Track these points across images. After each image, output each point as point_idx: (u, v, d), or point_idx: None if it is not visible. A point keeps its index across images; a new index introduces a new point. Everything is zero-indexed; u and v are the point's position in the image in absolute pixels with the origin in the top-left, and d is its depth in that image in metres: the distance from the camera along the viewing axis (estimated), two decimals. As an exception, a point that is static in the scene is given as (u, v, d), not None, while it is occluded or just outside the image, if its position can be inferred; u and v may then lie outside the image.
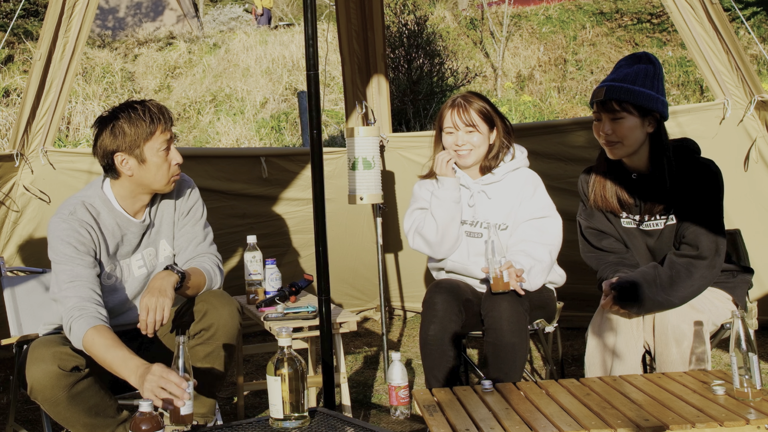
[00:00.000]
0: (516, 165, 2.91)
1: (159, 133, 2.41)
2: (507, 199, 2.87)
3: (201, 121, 10.77)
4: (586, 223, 2.76)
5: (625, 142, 2.52)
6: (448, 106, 2.90)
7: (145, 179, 2.44)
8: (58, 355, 2.20)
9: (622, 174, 2.64)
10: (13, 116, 8.92)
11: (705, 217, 2.51)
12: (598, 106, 2.55)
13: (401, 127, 9.04)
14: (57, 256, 2.39)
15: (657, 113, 2.51)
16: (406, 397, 2.42)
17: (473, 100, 2.88)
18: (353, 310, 4.70)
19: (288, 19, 15.16)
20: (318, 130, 2.47)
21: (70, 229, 2.38)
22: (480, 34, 11.88)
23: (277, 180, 4.51)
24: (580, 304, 3.25)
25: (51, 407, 2.22)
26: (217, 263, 2.65)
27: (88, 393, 2.26)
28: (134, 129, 2.38)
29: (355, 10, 4.61)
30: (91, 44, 12.33)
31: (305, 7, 2.41)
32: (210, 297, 2.51)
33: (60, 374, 2.18)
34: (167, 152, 2.44)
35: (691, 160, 2.56)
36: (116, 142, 2.38)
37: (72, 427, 2.28)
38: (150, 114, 2.40)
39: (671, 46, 10.54)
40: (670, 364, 2.40)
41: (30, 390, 2.21)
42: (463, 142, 2.86)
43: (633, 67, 2.52)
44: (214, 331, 2.45)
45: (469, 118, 2.84)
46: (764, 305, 3.56)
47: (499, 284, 2.61)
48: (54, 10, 3.41)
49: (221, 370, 2.50)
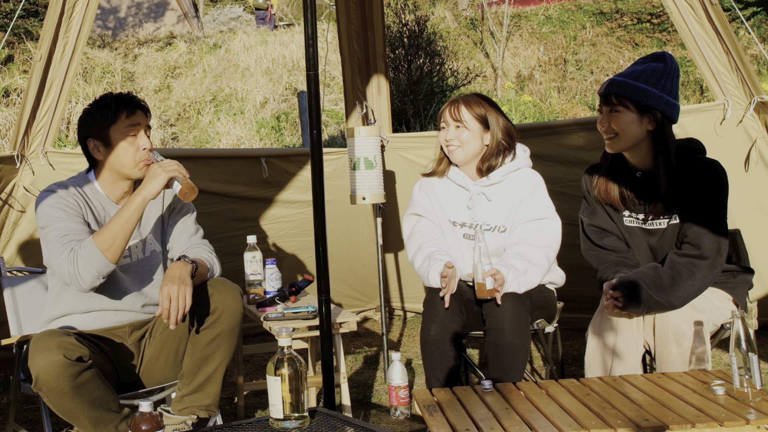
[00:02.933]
0: (517, 165, 2.89)
1: (124, 117, 2.51)
2: (506, 201, 2.85)
3: (201, 121, 10.77)
4: (588, 220, 2.76)
5: (621, 136, 2.54)
6: (447, 103, 2.94)
7: (115, 163, 2.53)
8: (63, 345, 2.21)
9: (627, 171, 2.65)
10: (13, 116, 8.93)
11: (708, 216, 2.51)
12: (601, 98, 2.60)
13: (401, 127, 9.04)
14: (46, 220, 2.44)
15: (658, 112, 2.51)
16: (406, 397, 2.42)
17: (470, 99, 2.89)
18: (353, 310, 4.69)
19: (288, 19, 15.16)
20: (318, 130, 2.47)
21: (58, 197, 2.47)
22: (480, 34, 11.88)
23: (278, 182, 4.51)
24: (580, 306, 3.24)
25: (56, 398, 2.22)
26: (212, 252, 2.71)
27: (92, 384, 2.26)
28: (100, 114, 2.52)
29: (355, 10, 4.61)
30: (92, 44, 12.34)
31: (305, 7, 2.41)
32: (213, 282, 2.54)
33: (65, 363, 2.19)
34: (135, 138, 2.53)
35: (695, 160, 2.56)
36: (87, 129, 2.54)
37: (76, 420, 2.28)
38: (116, 101, 2.53)
39: (671, 46, 10.54)
40: (670, 363, 2.40)
41: (35, 380, 2.21)
42: (452, 137, 2.86)
43: (643, 65, 2.55)
44: (219, 314, 2.47)
45: (458, 115, 2.85)
46: (764, 305, 3.56)
47: (482, 291, 2.61)
48: (54, 11, 3.41)
49: (226, 355, 2.50)
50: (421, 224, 2.97)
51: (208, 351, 2.47)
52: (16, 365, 2.65)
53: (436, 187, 2.98)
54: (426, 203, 2.98)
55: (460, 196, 2.92)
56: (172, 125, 10.79)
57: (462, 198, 2.91)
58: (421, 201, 2.99)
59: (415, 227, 2.98)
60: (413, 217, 3.01)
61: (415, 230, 2.97)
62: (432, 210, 2.97)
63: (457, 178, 2.93)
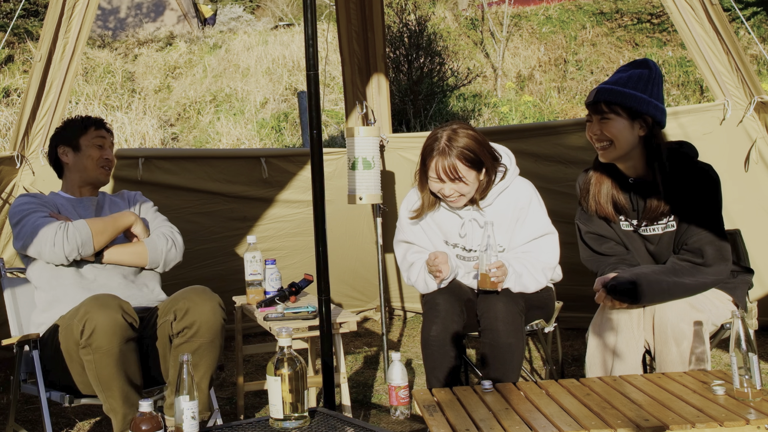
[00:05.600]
0: (506, 184, 2.82)
1: (93, 130, 2.96)
2: (501, 221, 2.80)
3: (201, 122, 10.77)
4: (585, 227, 2.74)
5: (615, 143, 2.52)
6: (433, 152, 2.73)
7: (79, 165, 2.93)
8: (123, 306, 2.35)
9: (620, 178, 2.63)
10: (13, 116, 8.92)
11: (706, 222, 2.50)
12: (589, 108, 2.57)
13: (401, 128, 9.03)
14: (21, 214, 2.70)
15: (648, 117, 2.50)
16: (406, 397, 2.42)
17: (462, 150, 2.68)
18: (353, 310, 4.70)
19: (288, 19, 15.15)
20: (318, 130, 2.47)
21: (29, 196, 2.85)
22: (480, 35, 11.88)
23: (278, 182, 4.51)
24: (579, 305, 3.25)
25: (102, 358, 2.29)
26: (174, 228, 2.99)
27: (132, 357, 2.38)
28: (71, 127, 2.98)
29: (355, 10, 4.61)
30: (92, 44, 12.33)
31: (305, 7, 2.41)
32: (190, 294, 2.56)
33: (123, 324, 2.31)
34: (101, 148, 2.95)
35: (688, 165, 2.55)
36: (58, 138, 2.98)
37: (108, 388, 2.33)
38: (87, 118, 3.00)
39: (671, 46, 10.54)
40: (669, 363, 2.40)
41: (88, 335, 2.27)
42: (451, 191, 2.75)
43: (629, 71, 2.54)
44: (197, 329, 2.49)
45: (455, 172, 2.69)
46: (764, 305, 3.56)
47: (486, 282, 2.61)
48: (54, 11, 3.41)
49: (209, 366, 2.53)
50: (412, 251, 2.93)
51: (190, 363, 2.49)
52: (17, 365, 2.65)
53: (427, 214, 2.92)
54: (416, 229, 2.94)
55: (452, 223, 2.89)
56: (172, 125, 10.78)
57: (454, 225, 2.88)
58: (412, 229, 2.94)
59: (407, 254, 2.94)
60: (403, 245, 2.97)
61: (407, 257, 2.93)
62: (423, 235, 2.93)
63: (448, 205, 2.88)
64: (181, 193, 4.25)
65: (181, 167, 4.28)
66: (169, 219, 3.07)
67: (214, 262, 4.37)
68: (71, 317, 2.38)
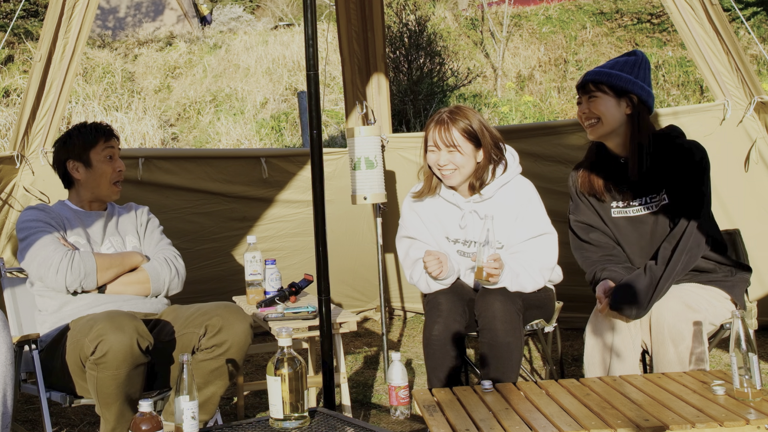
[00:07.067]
0: (507, 178, 2.84)
1: (102, 143, 2.85)
2: (500, 217, 2.80)
3: (201, 122, 10.77)
4: (573, 217, 2.82)
5: (603, 120, 2.64)
6: (432, 121, 2.82)
7: (92, 181, 2.84)
8: (138, 331, 2.30)
9: (611, 161, 2.72)
10: (13, 116, 8.92)
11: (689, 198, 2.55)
12: (578, 90, 2.72)
13: (401, 128, 9.04)
14: (27, 231, 2.65)
15: (634, 95, 2.61)
16: (406, 397, 2.42)
17: (458, 118, 2.77)
18: (353, 310, 4.70)
19: (288, 19, 15.15)
20: (318, 130, 2.47)
21: (37, 211, 2.76)
22: (480, 35, 11.88)
23: (278, 182, 4.51)
24: (580, 305, 3.24)
25: (108, 378, 2.26)
26: (177, 254, 2.91)
27: (138, 381, 2.35)
28: (81, 139, 2.85)
29: (355, 10, 4.61)
30: (91, 44, 12.33)
31: (305, 7, 2.41)
32: (224, 312, 2.52)
33: (135, 351, 2.26)
34: (112, 160, 2.86)
35: (673, 143, 2.63)
36: (67, 152, 2.85)
37: (107, 405, 2.31)
38: (95, 129, 2.88)
39: (671, 46, 10.54)
40: (666, 364, 2.40)
41: (102, 354, 2.24)
42: (446, 161, 2.77)
43: (616, 59, 2.70)
44: (227, 348, 2.47)
45: (450, 138, 2.75)
46: (764, 305, 3.56)
47: (481, 274, 2.61)
48: (54, 11, 3.41)
49: (226, 381, 2.53)
50: (415, 247, 2.92)
51: (210, 378, 2.49)
52: (17, 365, 2.65)
53: (428, 206, 2.93)
54: (418, 224, 2.93)
55: (452, 215, 2.89)
56: (172, 125, 10.78)
57: (454, 216, 2.88)
58: (413, 223, 2.94)
59: (409, 250, 2.93)
60: (406, 240, 2.96)
61: (410, 253, 2.93)
62: (425, 230, 2.93)
63: (449, 196, 2.88)
64: (181, 193, 4.24)
65: (181, 167, 4.28)
66: (169, 219, 3.08)
67: (214, 262, 4.37)
68: (83, 334, 2.31)
